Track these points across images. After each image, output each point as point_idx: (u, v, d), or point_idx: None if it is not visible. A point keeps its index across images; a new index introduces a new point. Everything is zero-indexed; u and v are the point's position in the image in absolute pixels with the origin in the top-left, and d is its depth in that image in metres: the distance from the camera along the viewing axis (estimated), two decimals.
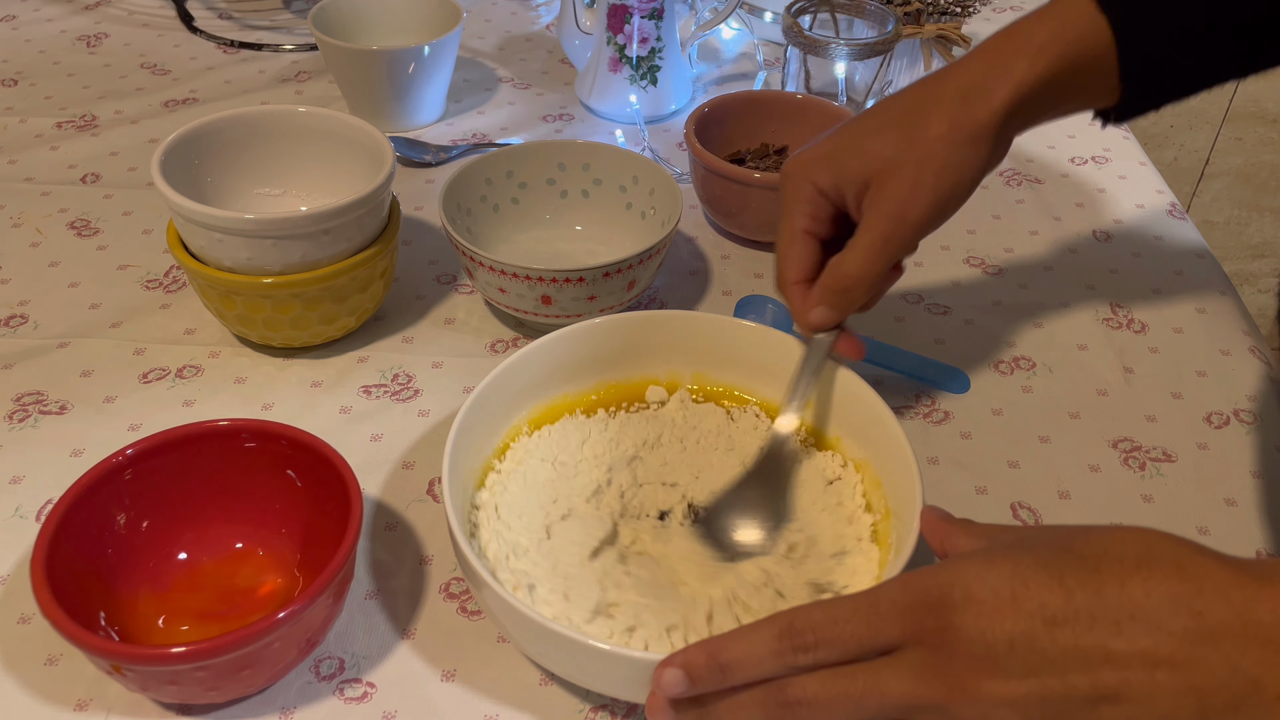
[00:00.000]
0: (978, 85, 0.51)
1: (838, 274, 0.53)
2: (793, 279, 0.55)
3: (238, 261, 0.61)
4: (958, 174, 0.51)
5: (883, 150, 0.52)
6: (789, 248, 0.55)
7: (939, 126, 0.51)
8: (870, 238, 0.52)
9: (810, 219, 0.54)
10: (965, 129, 0.51)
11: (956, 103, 0.51)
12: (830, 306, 0.54)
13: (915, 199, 0.51)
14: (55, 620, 0.43)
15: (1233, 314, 0.72)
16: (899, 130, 0.52)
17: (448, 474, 0.50)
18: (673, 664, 0.41)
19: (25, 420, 0.62)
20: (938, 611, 0.37)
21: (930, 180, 0.51)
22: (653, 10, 0.85)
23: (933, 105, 0.52)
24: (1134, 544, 0.37)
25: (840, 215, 0.54)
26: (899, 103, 0.53)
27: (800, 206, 0.54)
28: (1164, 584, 0.35)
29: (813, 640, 0.39)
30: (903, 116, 0.52)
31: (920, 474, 0.50)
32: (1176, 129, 1.62)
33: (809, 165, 0.54)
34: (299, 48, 1.01)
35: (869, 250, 0.52)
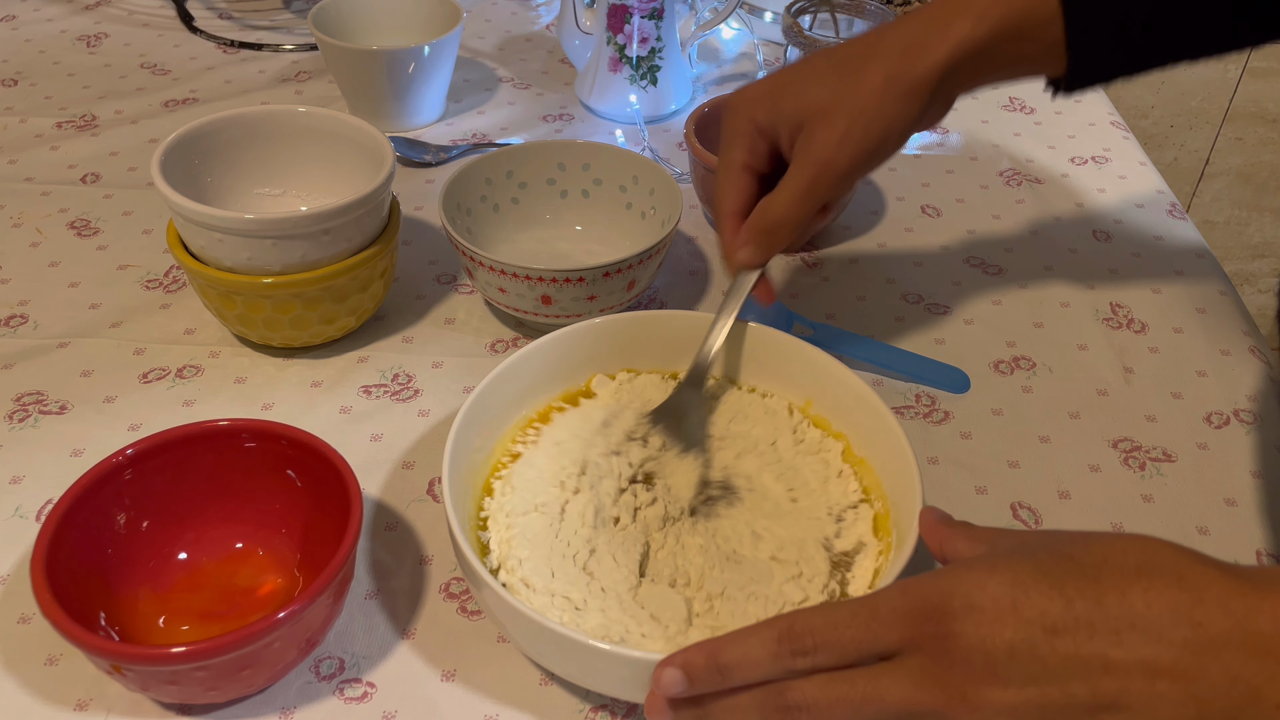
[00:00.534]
0: (918, 41, 0.52)
1: (764, 214, 0.54)
2: (726, 210, 0.56)
3: (238, 261, 0.61)
4: (887, 126, 0.52)
5: (818, 95, 0.53)
6: (725, 180, 0.56)
7: (875, 78, 0.52)
8: (797, 182, 0.53)
9: (748, 153, 0.55)
10: (901, 83, 0.52)
11: (896, 56, 0.52)
12: (756, 245, 0.55)
13: (843, 147, 0.52)
14: (55, 620, 0.43)
15: (1233, 314, 0.72)
16: (836, 77, 0.53)
17: (448, 474, 0.50)
18: (672, 664, 0.41)
19: (25, 420, 0.62)
20: (937, 618, 0.37)
21: (859, 130, 0.52)
22: (653, 10, 0.85)
23: (872, 56, 0.52)
24: (1135, 553, 0.37)
25: (777, 152, 0.55)
26: (842, 51, 0.54)
27: (739, 140, 0.55)
28: (1164, 594, 0.35)
29: (812, 644, 0.39)
30: (842, 64, 0.53)
31: (920, 474, 0.50)
32: (1176, 129, 1.62)
33: (749, 102, 0.55)
34: (299, 48, 1.01)
35: (794, 194, 0.53)
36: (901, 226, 0.80)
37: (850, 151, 0.52)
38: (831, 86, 0.52)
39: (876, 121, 0.52)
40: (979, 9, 0.51)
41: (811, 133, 0.53)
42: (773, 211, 0.54)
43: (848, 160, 0.52)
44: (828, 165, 0.52)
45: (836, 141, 0.52)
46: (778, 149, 0.55)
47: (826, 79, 0.53)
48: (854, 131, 0.52)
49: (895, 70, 0.52)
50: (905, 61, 0.52)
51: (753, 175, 0.56)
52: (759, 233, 0.55)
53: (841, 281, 0.74)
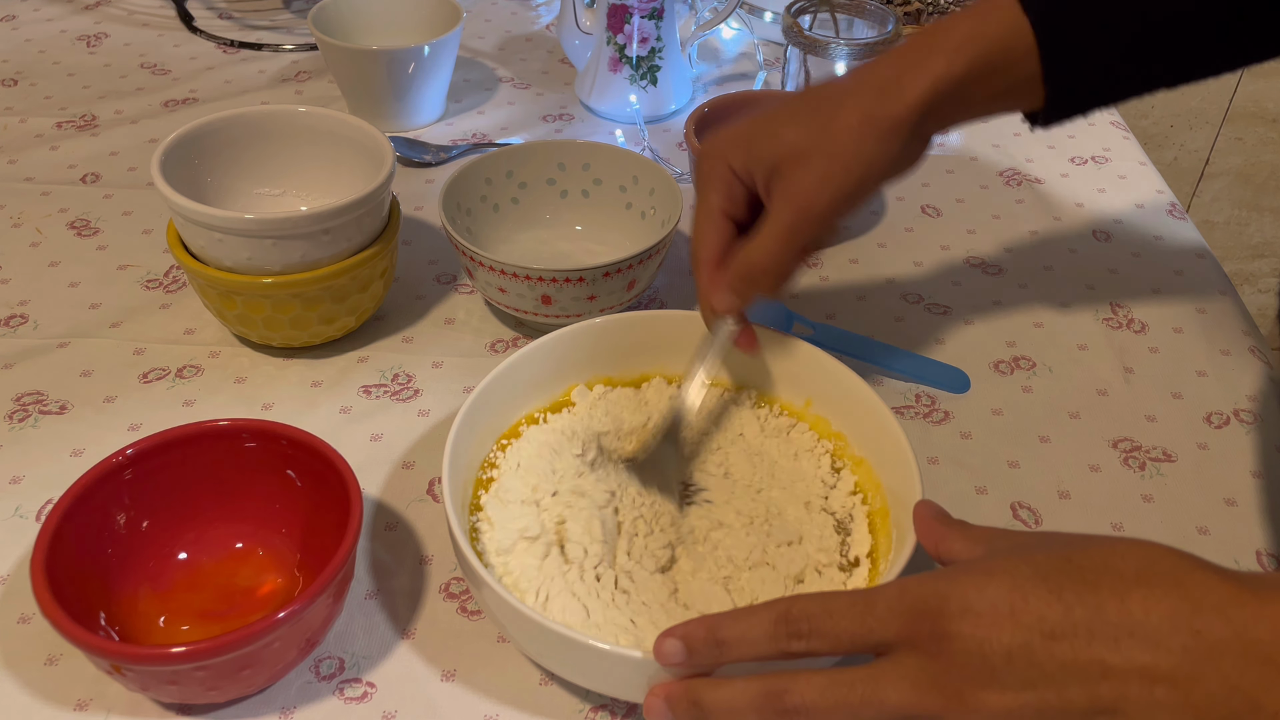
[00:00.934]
0: (893, 80, 0.51)
1: (744, 261, 0.53)
2: (705, 257, 0.55)
3: (238, 261, 0.61)
4: (866, 168, 0.51)
5: (794, 137, 0.52)
6: (703, 227, 0.55)
7: (851, 119, 0.51)
8: (777, 226, 0.52)
9: (725, 199, 0.54)
10: (878, 123, 0.51)
11: (872, 96, 0.51)
12: (735, 292, 0.54)
13: (823, 189, 0.51)
14: (55, 620, 0.43)
15: (1233, 314, 0.72)
16: (812, 118, 0.52)
17: (448, 474, 0.50)
18: (673, 635, 0.42)
19: (25, 420, 0.62)
20: (934, 619, 0.37)
21: (838, 172, 0.51)
22: (653, 10, 0.85)
23: (848, 97, 0.52)
24: (1134, 557, 0.37)
25: (754, 198, 0.55)
26: (818, 92, 0.53)
27: (715, 185, 0.54)
28: (1163, 601, 0.35)
29: (807, 629, 0.40)
30: (817, 105, 0.52)
31: (920, 474, 0.50)
32: (1176, 129, 1.62)
33: (724, 146, 0.54)
34: (299, 48, 1.01)
35: (775, 239, 0.52)
36: (901, 226, 0.80)
37: (830, 194, 0.51)
38: (807, 128, 0.51)
39: (855, 163, 0.51)
40: (953, 45, 0.51)
41: (789, 176, 0.51)
42: (753, 258, 0.53)
43: (827, 203, 0.51)
44: (807, 208, 0.51)
45: (815, 184, 0.51)
46: (754, 194, 0.54)
47: (802, 121, 0.52)
48: (833, 173, 0.51)
49: (872, 110, 0.51)
50: (881, 101, 0.51)
51: (730, 221, 0.55)
52: (740, 280, 0.53)
53: (841, 281, 0.74)
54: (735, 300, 0.54)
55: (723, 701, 0.41)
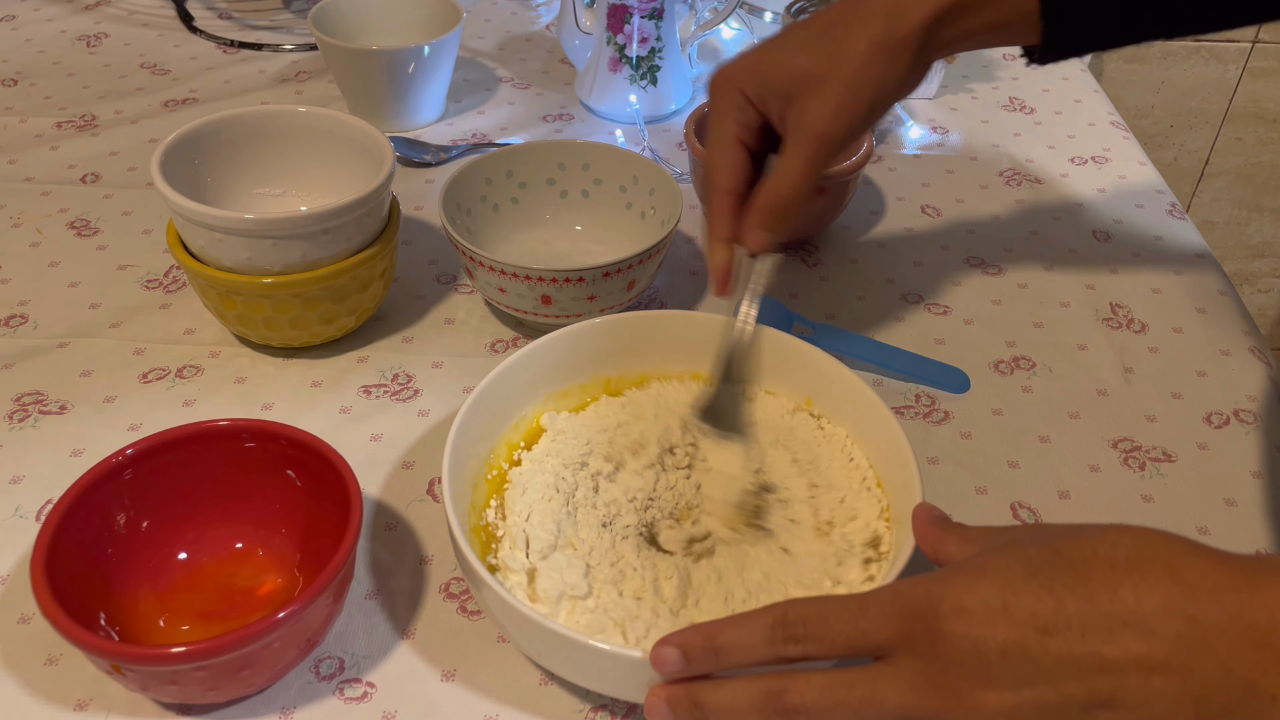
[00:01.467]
0: (897, 5, 0.52)
1: (773, 195, 0.53)
2: (725, 187, 0.55)
3: (238, 261, 0.61)
4: (877, 90, 0.53)
5: (806, 64, 0.52)
6: (721, 155, 0.55)
7: (860, 43, 0.52)
8: (798, 157, 0.53)
9: (740, 126, 0.54)
10: (886, 48, 0.52)
11: (878, 21, 0.52)
12: (768, 229, 0.54)
13: (838, 117, 0.52)
14: (55, 620, 0.43)
15: (1233, 314, 0.72)
16: (822, 45, 0.53)
17: (448, 474, 0.50)
18: (670, 642, 0.42)
19: (25, 420, 0.62)
20: (928, 620, 0.37)
21: (850, 98, 0.52)
22: (653, 10, 0.85)
23: (855, 23, 0.52)
24: (1125, 546, 0.36)
25: (765, 126, 0.55)
26: (823, 18, 0.54)
27: (731, 114, 0.54)
28: (1156, 588, 0.35)
29: (803, 633, 0.40)
30: (824, 31, 0.53)
31: (920, 474, 0.50)
32: (1176, 129, 1.62)
33: (736, 75, 0.54)
34: (299, 48, 1.01)
35: (798, 170, 0.53)
36: (901, 226, 0.80)
37: (845, 120, 0.52)
38: (816, 55, 0.52)
39: (867, 87, 0.52)
40: None
41: (804, 105, 0.52)
42: (781, 190, 0.53)
43: (844, 129, 0.52)
44: (825, 136, 0.52)
45: (831, 112, 0.52)
46: (765, 122, 0.55)
47: (810, 48, 0.53)
48: (846, 100, 0.52)
49: (879, 34, 0.52)
50: (888, 26, 0.52)
51: (746, 149, 0.55)
52: (770, 214, 0.53)
53: (841, 281, 0.74)
54: (771, 236, 0.54)
55: (723, 701, 0.41)
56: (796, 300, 0.72)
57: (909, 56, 0.52)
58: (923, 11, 0.52)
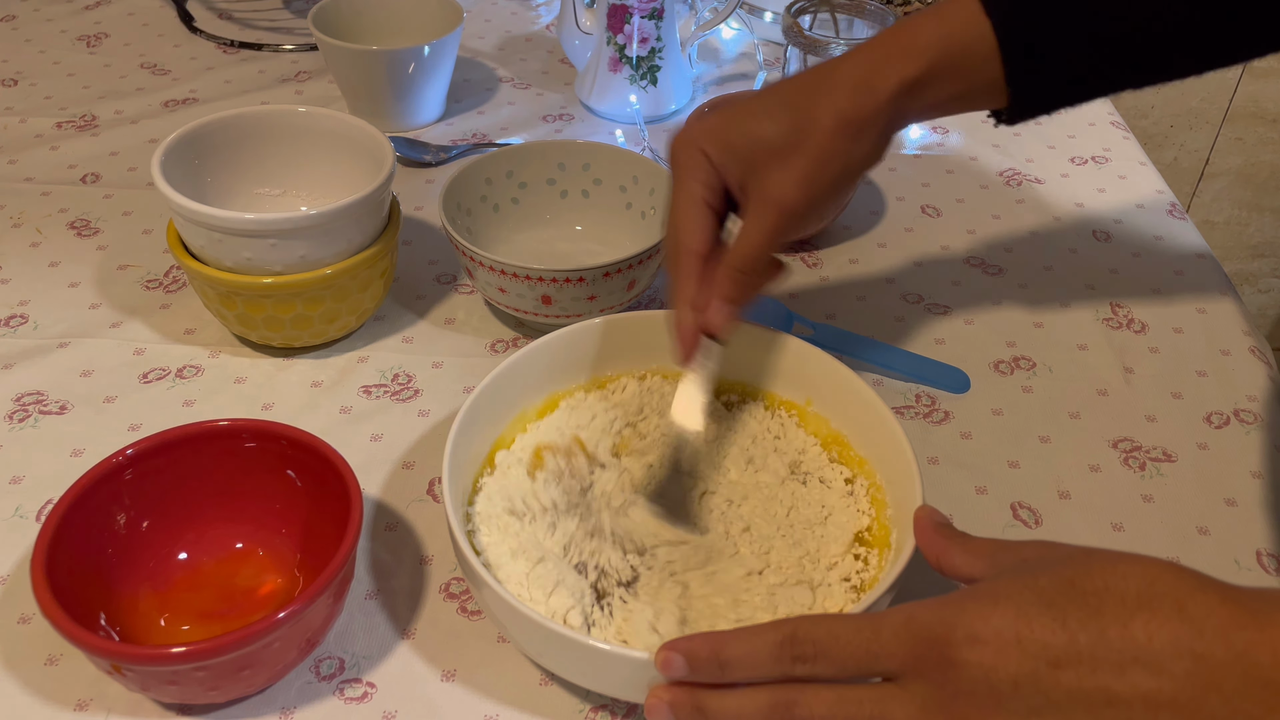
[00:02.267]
0: (865, 80, 0.52)
1: (734, 261, 0.53)
2: (692, 248, 0.53)
3: (238, 261, 0.61)
4: (842, 166, 0.52)
5: (771, 134, 0.52)
6: (686, 215, 0.54)
7: (827, 118, 0.51)
8: (760, 224, 0.52)
9: (705, 187, 0.54)
10: (853, 123, 0.51)
11: (844, 95, 0.51)
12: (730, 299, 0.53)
13: (801, 189, 0.52)
14: (55, 620, 0.43)
15: (1233, 314, 0.72)
16: (788, 116, 0.52)
17: (448, 474, 0.50)
18: (675, 649, 0.42)
19: (25, 420, 0.62)
20: (940, 647, 0.37)
21: (815, 171, 0.51)
22: (653, 10, 0.85)
23: (822, 95, 0.52)
24: (1135, 578, 0.37)
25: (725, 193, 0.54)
26: (789, 87, 0.54)
27: (696, 175, 0.54)
28: (1166, 625, 0.35)
29: (812, 652, 0.40)
30: (791, 101, 0.52)
31: (920, 474, 0.50)
32: (1176, 129, 1.62)
33: (698, 137, 0.54)
34: (299, 48, 1.01)
35: (759, 241, 0.52)
36: (901, 226, 0.80)
37: (809, 193, 0.52)
38: (783, 126, 0.52)
39: (833, 161, 0.52)
40: (918, 47, 0.51)
41: (767, 174, 0.52)
42: (742, 259, 0.53)
43: (808, 201, 0.52)
44: (789, 208, 0.52)
45: (794, 184, 0.51)
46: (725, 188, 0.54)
47: (776, 117, 0.52)
48: (812, 173, 0.51)
49: (847, 109, 0.51)
50: (854, 100, 0.51)
51: (712, 211, 0.54)
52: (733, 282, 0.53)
53: (841, 281, 0.74)
54: (730, 309, 0.53)
55: (730, 711, 0.41)
56: (796, 300, 0.72)
57: (875, 132, 0.52)
58: (889, 87, 0.51)
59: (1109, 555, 0.39)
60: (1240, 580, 0.54)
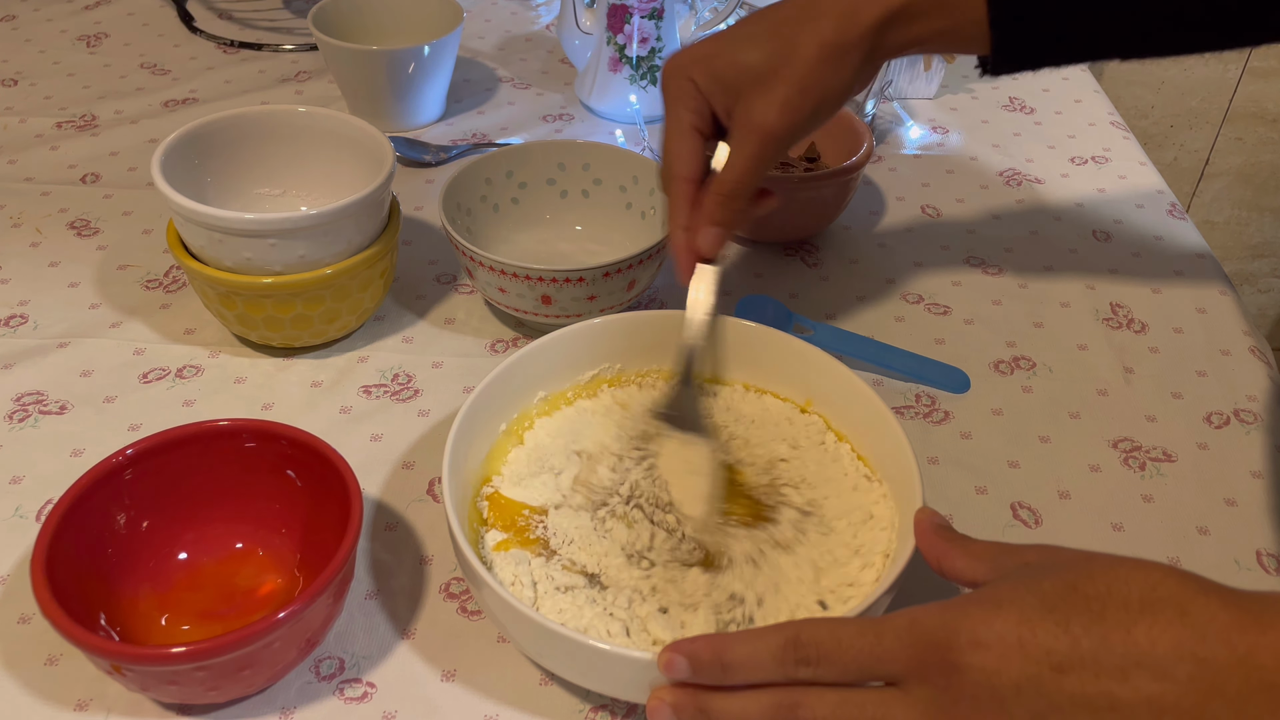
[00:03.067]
0: (849, 8, 0.53)
1: (720, 188, 0.54)
2: (682, 174, 0.55)
3: (238, 261, 0.61)
4: (823, 93, 0.53)
5: (754, 60, 0.53)
6: (677, 143, 0.55)
7: (810, 45, 0.52)
8: (744, 151, 0.53)
9: (694, 114, 0.55)
10: (835, 50, 0.52)
11: (829, 23, 0.52)
12: (718, 223, 0.54)
13: (783, 115, 0.52)
14: (55, 620, 0.43)
15: (1233, 314, 0.72)
16: (772, 42, 0.53)
17: (448, 474, 0.50)
18: (678, 650, 0.42)
19: (25, 420, 0.62)
20: (943, 651, 0.37)
21: (797, 97, 0.52)
22: (653, 10, 0.85)
23: (807, 22, 0.53)
24: (1138, 584, 0.37)
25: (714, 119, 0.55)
26: (775, 14, 0.54)
27: (685, 102, 0.55)
28: (1168, 630, 0.35)
29: (815, 655, 0.40)
30: (776, 28, 0.53)
31: (920, 474, 0.50)
32: (1176, 129, 1.62)
33: (686, 64, 0.55)
34: (299, 48, 1.01)
35: (744, 164, 0.53)
36: (901, 226, 0.80)
37: (790, 118, 0.53)
38: (766, 52, 0.53)
39: (814, 88, 0.53)
40: None
41: (751, 101, 0.53)
42: (727, 185, 0.54)
43: (789, 127, 0.53)
44: (770, 133, 0.53)
45: (777, 109, 0.52)
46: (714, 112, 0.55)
47: (760, 44, 0.53)
48: (792, 99, 0.52)
49: (829, 36, 0.52)
50: (838, 27, 0.52)
51: (701, 137, 0.55)
52: (719, 207, 0.54)
53: (841, 281, 0.74)
54: (719, 232, 0.55)
55: (732, 712, 0.41)
56: (796, 300, 0.72)
57: (857, 59, 0.53)
58: (872, 14, 0.52)
59: (1110, 559, 0.38)
60: (1240, 580, 0.55)
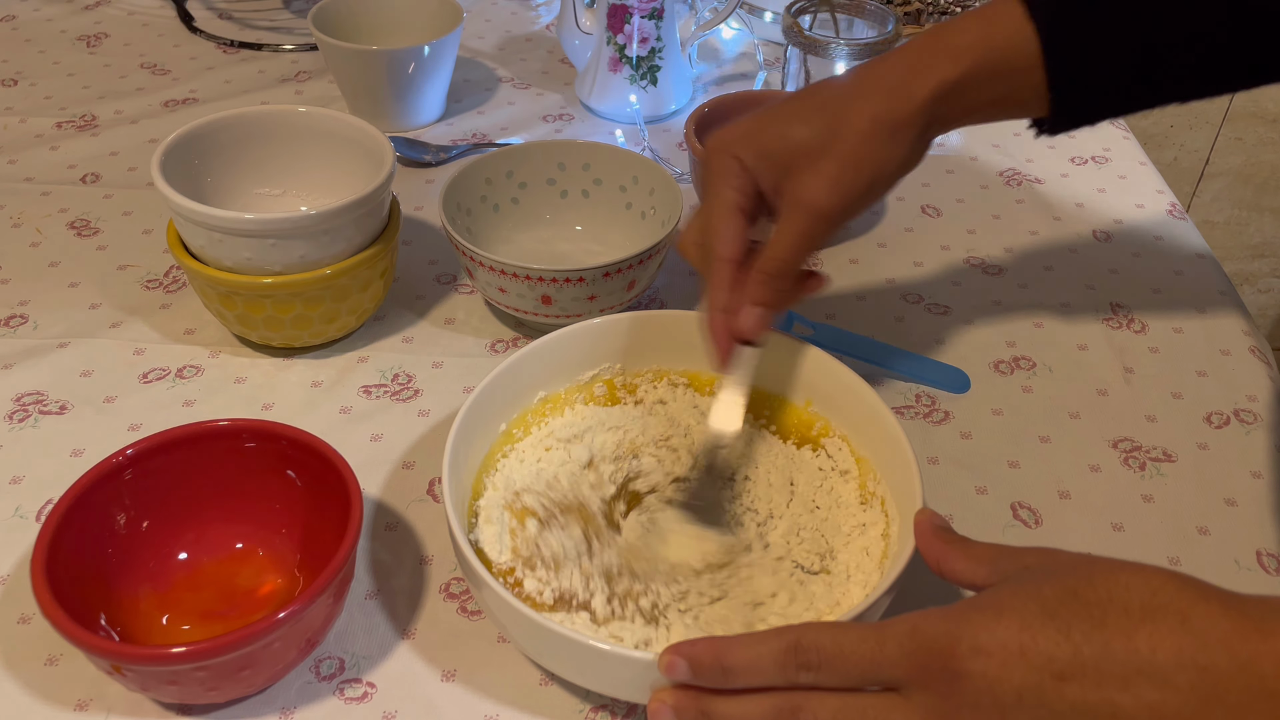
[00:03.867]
0: (902, 83, 0.51)
1: (767, 265, 0.52)
2: (727, 255, 0.53)
3: (238, 261, 0.61)
4: (876, 170, 0.51)
5: (805, 137, 0.51)
6: (721, 222, 0.53)
7: (861, 121, 0.51)
8: (793, 229, 0.52)
9: (739, 193, 0.53)
10: (887, 126, 0.51)
11: (880, 99, 0.51)
12: (763, 303, 0.53)
13: (834, 192, 0.51)
14: (55, 620, 0.43)
15: (1233, 314, 0.72)
16: (822, 119, 0.51)
17: (448, 474, 0.50)
18: (679, 653, 0.42)
19: (25, 420, 0.62)
20: (944, 659, 0.37)
21: (850, 175, 0.51)
22: (653, 10, 0.85)
23: (857, 99, 0.51)
24: (1139, 590, 0.37)
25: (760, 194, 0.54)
26: (823, 91, 0.53)
27: (730, 180, 0.53)
28: (1169, 637, 0.35)
29: (816, 661, 0.40)
30: (826, 105, 0.52)
31: (920, 474, 0.50)
32: (1176, 129, 1.62)
33: (734, 142, 0.53)
34: (299, 48, 1.01)
35: (792, 242, 0.52)
36: (901, 226, 0.80)
37: (841, 196, 0.51)
38: (816, 128, 0.51)
39: (866, 165, 0.51)
40: (959, 49, 0.51)
41: (800, 178, 0.51)
42: (775, 263, 0.52)
43: (839, 205, 0.51)
44: (822, 211, 0.51)
45: (827, 187, 0.51)
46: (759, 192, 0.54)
47: (811, 120, 0.52)
48: (844, 176, 0.51)
49: (880, 113, 0.51)
50: (890, 104, 0.51)
51: (746, 217, 0.53)
52: (766, 286, 0.52)
53: (841, 281, 0.74)
54: (763, 314, 0.53)
55: (734, 715, 0.41)
56: None
57: (911, 135, 0.51)
58: (926, 90, 0.50)
59: (1111, 565, 0.38)
60: (1240, 580, 0.55)
